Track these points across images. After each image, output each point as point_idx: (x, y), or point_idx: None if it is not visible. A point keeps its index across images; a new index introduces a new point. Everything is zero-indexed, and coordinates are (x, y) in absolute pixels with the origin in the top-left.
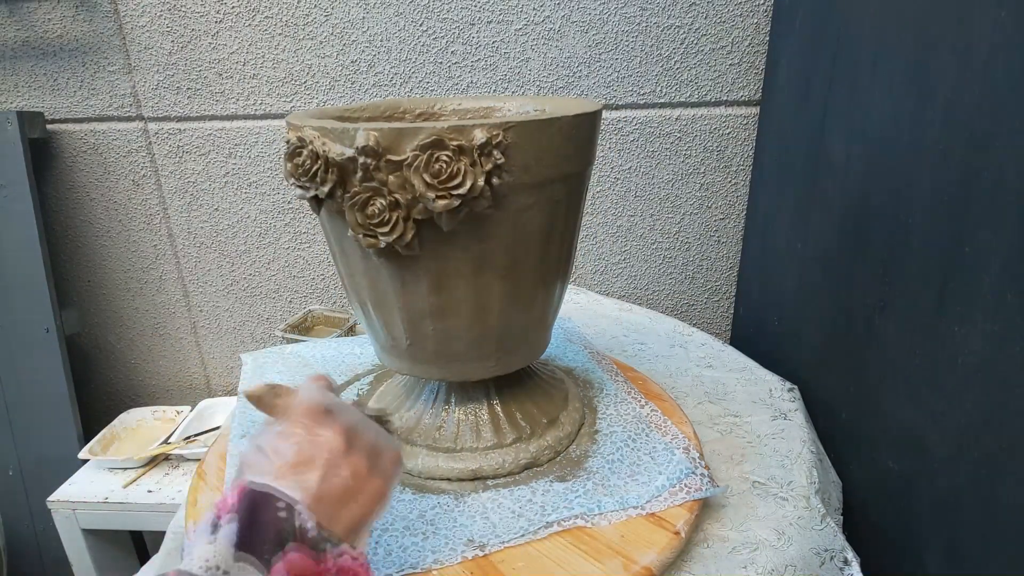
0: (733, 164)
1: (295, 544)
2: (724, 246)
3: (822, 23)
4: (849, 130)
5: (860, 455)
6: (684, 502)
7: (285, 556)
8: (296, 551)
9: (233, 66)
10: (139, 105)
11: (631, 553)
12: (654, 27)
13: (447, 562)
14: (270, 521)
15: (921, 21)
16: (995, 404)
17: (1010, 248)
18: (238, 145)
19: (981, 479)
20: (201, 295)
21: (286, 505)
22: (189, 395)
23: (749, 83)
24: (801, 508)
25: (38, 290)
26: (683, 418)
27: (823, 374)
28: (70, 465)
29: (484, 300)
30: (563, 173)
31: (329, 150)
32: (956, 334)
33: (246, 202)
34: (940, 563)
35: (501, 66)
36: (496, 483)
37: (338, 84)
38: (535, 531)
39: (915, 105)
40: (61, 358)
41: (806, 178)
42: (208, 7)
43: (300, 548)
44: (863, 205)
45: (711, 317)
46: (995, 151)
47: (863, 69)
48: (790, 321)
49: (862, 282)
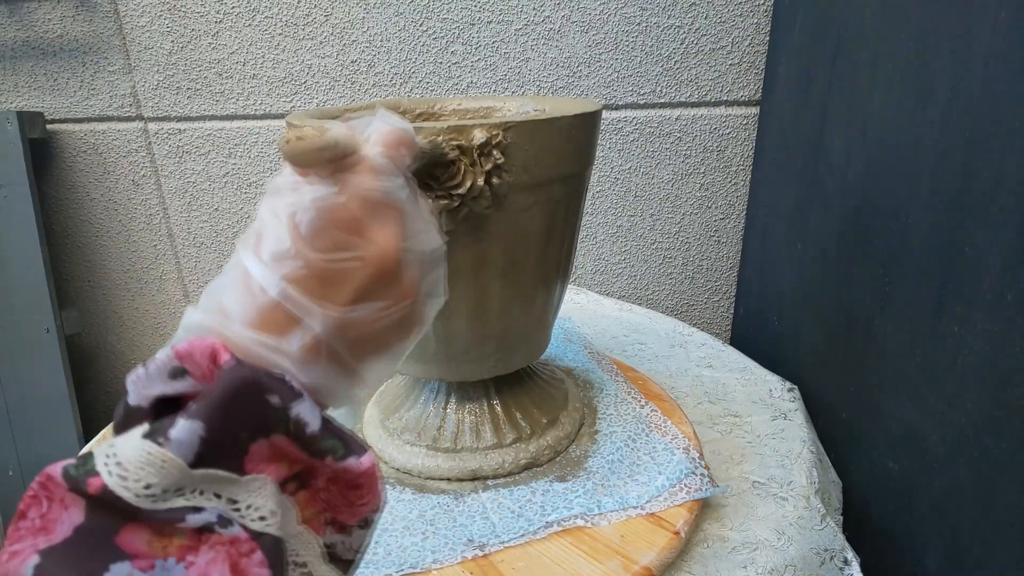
0: (733, 164)
1: (285, 439)
2: (724, 246)
3: (822, 23)
4: (849, 130)
5: (860, 455)
6: (684, 502)
7: (269, 441)
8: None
9: (233, 66)
10: (139, 105)
11: (631, 553)
12: (654, 27)
13: (447, 562)
14: (253, 413)
15: (921, 21)
16: (995, 404)
17: (1010, 248)
18: (238, 145)
19: (981, 479)
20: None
21: (284, 391)
22: None
23: (749, 83)
24: (801, 508)
25: (38, 290)
26: (683, 418)
27: (823, 374)
28: None
29: (484, 300)
30: (563, 173)
31: None
32: (956, 334)
33: (246, 202)
34: (940, 563)
35: (501, 66)
36: (496, 483)
37: (338, 84)
38: (535, 531)
39: (915, 105)
40: (61, 358)
41: (806, 178)
42: (208, 7)
43: (289, 446)
44: (863, 205)
45: (711, 317)
46: (995, 151)
47: (863, 69)
48: (790, 321)
49: (862, 282)
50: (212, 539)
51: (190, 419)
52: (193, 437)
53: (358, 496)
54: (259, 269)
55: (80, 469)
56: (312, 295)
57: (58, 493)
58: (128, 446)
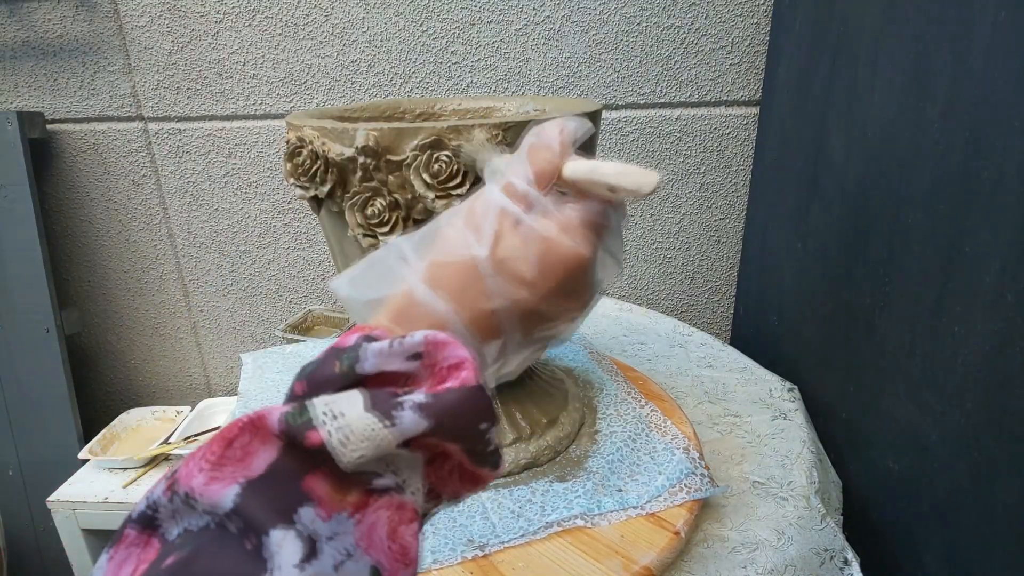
0: (733, 164)
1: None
2: (724, 246)
3: (822, 23)
4: (849, 130)
5: (860, 455)
6: (684, 502)
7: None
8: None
9: (233, 66)
10: (139, 105)
11: (631, 553)
12: (654, 27)
13: (447, 562)
14: (467, 429)
15: (921, 21)
16: (995, 404)
17: (1010, 248)
18: (238, 145)
19: (981, 479)
20: (201, 295)
21: (492, 418)
22: (189, 395)
23: (749, 83)
24: (801, 508)
25: (38, 290)
26: (683, 418)
27: (823, 374)
28: (70, 465)
29: None
30: None
31: (329, 150)
32: (956, 334)
33: (246, 202)
34: (940, 563)
35: (501, 66)
36: (496, 483)
37: (338, 84)
38: (535, 531)
39: (915, 105)
40: (61, 358)
41: (806, 178)
42: (208, 7)
43: (460, 453)
44: (863, 205)
45: (711, 317)
46: (995, 151)
47: (863, 69)
48: (790, 321)
49: (862, 282)
50: (379, 502)
51: (422, 416)
52: (417, 429)
53: (472, 487)
54: (490, 277)
55: (298, 420)
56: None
57: (263, 433)
58: (352, 414)
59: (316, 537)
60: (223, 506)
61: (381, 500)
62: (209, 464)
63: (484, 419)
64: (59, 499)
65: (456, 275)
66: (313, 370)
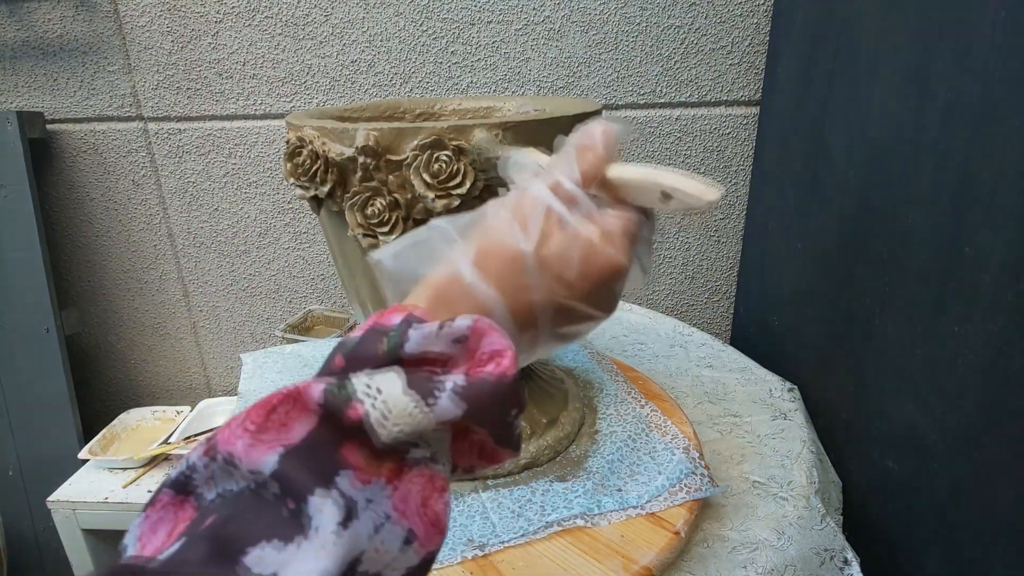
0: (733, 164)
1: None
2: (724, 246)
3: (822, 23)
4: (849, 130)
5: (860, 455)
6: (684, 502)
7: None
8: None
9: (233, 66)
10: (139, 105)
11: (631, 553)
12: (654, 27)
13: (447, 562)
14: (497, 414)
15: (921, 21)
16: (995, 404)
17: (1010, 248)
18: (238, 145)
19: (981, 479)
20: (201, 295)
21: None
22: (189, 395)
23: (749, 83)
24: (801, 508)
25: (38, 290)
26: (683, 418)
27: (823, 374)
28: (70, 465)
29: None
30: None
31: (329, 150)
32: (956, 334)
33: (246, 202)
34: (940, 563)
35: (501, 66)
36: (496, 483)
37: (338, 84)
38: (535, 531)
39: (915, 105)
40: (61, 358)
41: (806, 178)
42: (208, 7)
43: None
44: (863, 205)
45: (711, 317)
46: (995, 151)
47: (863, 69)
48: (790, 321)
49: (862, 282)
50: (413, 472)
51: (460, 400)
52: (455, 412)
53: (488, 464)
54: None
55: (340, 394)
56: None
57: (302, 404)
58: (392, 393)
59: (354, 502)
60: (264, 471)
61: (415, 471)
62: (250, 431)
63: (514, 406)
64: (59, 499)
65: (502, 264)
66: (355, 346)
